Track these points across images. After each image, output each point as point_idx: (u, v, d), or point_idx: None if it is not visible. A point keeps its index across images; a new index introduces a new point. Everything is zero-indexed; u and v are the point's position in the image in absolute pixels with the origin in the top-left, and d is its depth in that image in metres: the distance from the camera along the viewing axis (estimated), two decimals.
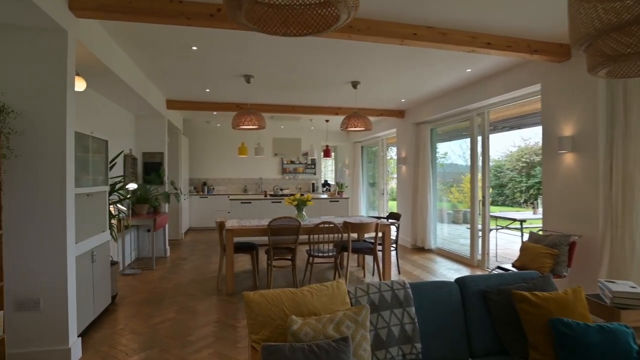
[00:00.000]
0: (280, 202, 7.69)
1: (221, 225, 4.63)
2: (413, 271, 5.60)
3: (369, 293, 2.13)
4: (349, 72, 4.99)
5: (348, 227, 4.62)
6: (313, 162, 11.01)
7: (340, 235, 4.56)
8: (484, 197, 5.86)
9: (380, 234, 4.87)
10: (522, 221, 5.89)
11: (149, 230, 6.32)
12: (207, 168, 10.31)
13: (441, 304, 2.25)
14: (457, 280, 2.39)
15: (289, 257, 4.61)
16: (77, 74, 3.13)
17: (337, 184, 8.41)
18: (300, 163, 10.92)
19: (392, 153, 10.77)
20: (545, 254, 3.67)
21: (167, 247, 6.60)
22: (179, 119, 8.10)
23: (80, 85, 3.19)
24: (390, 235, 4.98)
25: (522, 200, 13.05)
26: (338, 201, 7.99)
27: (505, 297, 2.24)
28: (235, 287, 4.61)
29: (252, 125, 4.85)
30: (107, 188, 3.77)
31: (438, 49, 3.68)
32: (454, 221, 9.47)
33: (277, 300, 1.89)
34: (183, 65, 4.66)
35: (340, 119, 8.12)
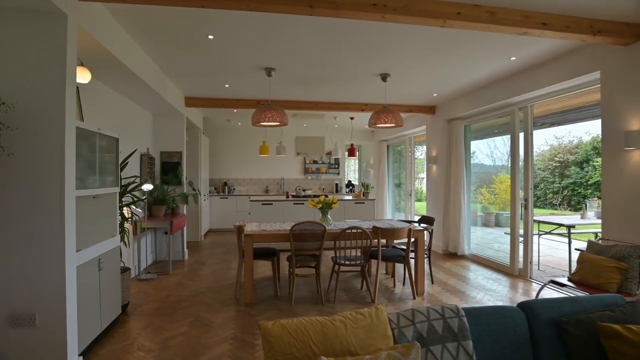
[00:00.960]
0: (303, 203, 7.33)
1: (239, 229, 4.29)
2: (447, 280, 5.12)
3: (415, 322, 1.72)
4: (378, 63, 4.56)
5: (378, 232, 4.20)
6: (337, 161, 10.60)
7: (369, 241, 4.15)
8: (526, 199, 5.31)
9: (411, 240, 4.43)
10: (570, 227, 5.31)
11: (166, 233, 6.07)
12: (227, 168, 10.07)
13: (503, 335, 1.81)
14: (522, 305, 1.95)
15: (313, 265, 4.23)
16: (81, 64, 2.84)
17: (362, 184, 7.98)
18: (323, 163, 10.54)
19: (419, 152, 10.27)
20: (612, 267, 3.15)
21: (186, 250, 6.34)
22: (199, 118, 7.86)
23: (84, 76, 2.90)
24: (423, 242, 4.53)
25: (557, 202, 12.27)
26: (364, 203, 7.57)
27: (586, 330, 1.78)
28: (254, 296, 4.27)
29: (274, 122, 4.49)
30: (117, 189, 3.49)
31: (484, 30, 3.21)
32: (485, 224, 8.92)
33: (302, 334, 1.50)
34: (200, 57, 4.35)
35: (366, 115, 7.69)
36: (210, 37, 3.70)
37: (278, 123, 4.61)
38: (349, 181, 11.08)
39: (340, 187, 10.47)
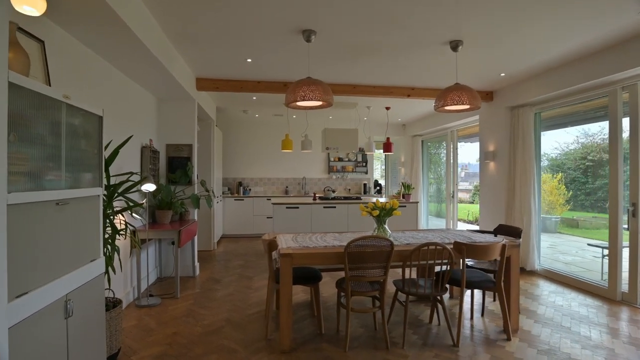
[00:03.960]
0: (334, 207, 6.20)
1: (271, 245, 3.16)
2: (535, 308, 3.94)
3: None
4: (450, 26, 3.40)
5: (463, 250, 3.04)
6: (364, 158, 9.46)
7: (449, 262, 3.00)
8: (634, 204, 4.11)
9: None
10: None
11: (173, 243, 4.98)
12: (243, 166, 8.97)
13: None
14: None
15: (374, 295, 3.08)
16: None
17: (402, 184, 6.82)
18: (349, 160, 9.39)
19: (462, 147, 9.07)
20: None
21: (197, 264, 5.23)
22: (212, 107, 6.76)
23: (33, 1, 1.79)
24: (518, 261, 3.36)
25: (607, 205, 11.02)
26: (405, 206, 6.41)
27: None
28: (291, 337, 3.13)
29: (315, 101, 3.35)
30: (101, 191, 2.38)
31: None
32: None
33: None
34: (217, 15, 3.23)
35: (402, 103, 6.45)
36: None
37: (320, 102, 3.49)
38: (376, 181, 9.93)
39: (368, 187, 9.32)
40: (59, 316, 1.90)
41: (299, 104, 3.51)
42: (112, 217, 2.82)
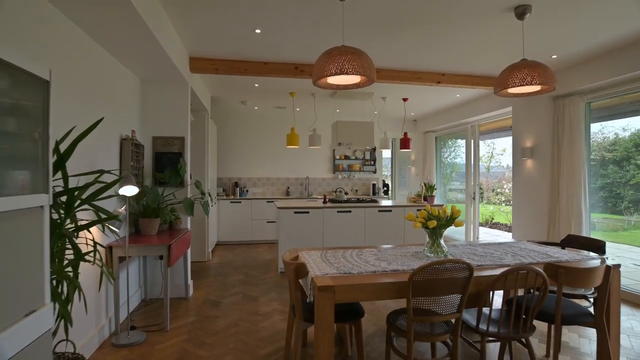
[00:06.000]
0: (350, 211, 5.37)
1: (299, 270, 2.31)
2: (624, 343, 3.16)
3: None
4: None
5: (560, 275, 2.24)
6: (372, 157, 8.65)
7: (543, 291, 2.19)
8: None
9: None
10: None
11: (161, 257, 4.09)
12: (239, 164, 8.06)
13: None
14: None
15: (444, 339, 2.25)
16: None
17: (424, 185, 6.02)
18: (356, 159, 8.57)
19: (454, 150, 8.31)
20: None
21: (190, 281, 4.33)
22: (206, 96, 5.87)
23: None
24: (619, 286, 2.58)
25: (622, 206, 10.49)
26: None
27: None
28: None
29: (354, 74, 2.50)
30: (45, 199, 1.50)
31: None
32: None
33: None
34: None
35: (429, 94, 5.48)
36: None
37: (360, 79, 2.66)
38: (383, 181, 9.13)
39: (377, 188, 8.51)
40: None
41: (330, 80, 2.67)
42: (72, 237, 1.93)
